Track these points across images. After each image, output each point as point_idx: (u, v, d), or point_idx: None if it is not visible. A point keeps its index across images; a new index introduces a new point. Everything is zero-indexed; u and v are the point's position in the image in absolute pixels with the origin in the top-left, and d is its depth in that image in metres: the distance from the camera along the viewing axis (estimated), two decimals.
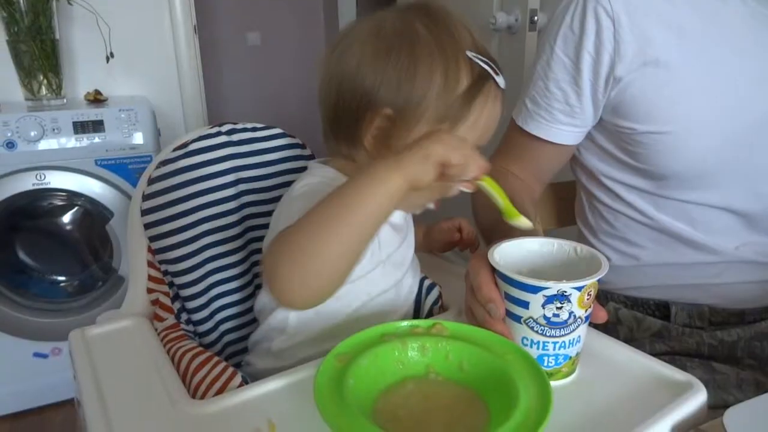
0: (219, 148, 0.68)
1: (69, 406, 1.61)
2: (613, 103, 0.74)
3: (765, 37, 0.71)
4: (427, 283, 0.69)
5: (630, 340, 0.77)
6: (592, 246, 0.84)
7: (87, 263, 1.65)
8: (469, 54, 0.55)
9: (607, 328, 0.80)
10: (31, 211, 1.52)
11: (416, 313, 0.67)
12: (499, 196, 0.54)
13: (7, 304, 1.50)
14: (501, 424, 0.39)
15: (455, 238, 0.80)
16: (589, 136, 0.81)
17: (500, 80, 0.57)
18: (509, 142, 0.85)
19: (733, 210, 0.75)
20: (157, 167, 0.66)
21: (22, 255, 1.58)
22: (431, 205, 0.62)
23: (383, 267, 0.60)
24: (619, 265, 0.82)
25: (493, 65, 0.56)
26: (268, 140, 0.72)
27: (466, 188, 0.54)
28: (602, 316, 0.51)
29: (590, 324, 0.52)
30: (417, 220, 0.70)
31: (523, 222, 0.54)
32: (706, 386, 0.49)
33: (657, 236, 0.79)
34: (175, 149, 0.67)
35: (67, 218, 1.60)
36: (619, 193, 0.80)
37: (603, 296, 0.85)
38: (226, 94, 3.30)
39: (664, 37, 0.70)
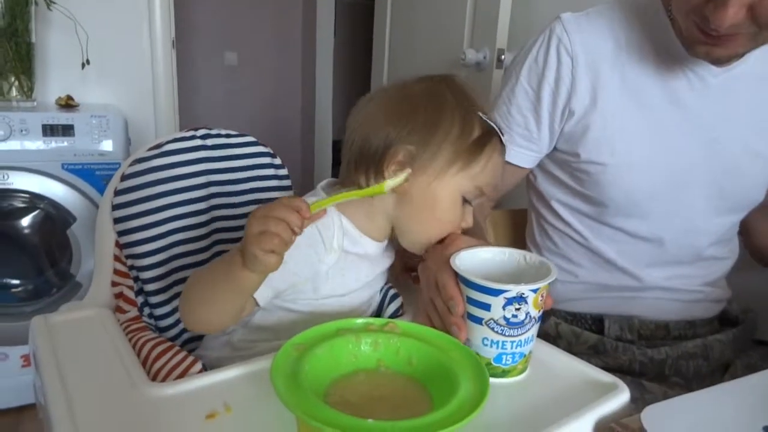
0: (193, 151, 0.71)
1: (7, 416, 1.55)
2: (566, 134, 0.81)
3: (697, 95, 0.78)
4: (391, 292, 0.72)
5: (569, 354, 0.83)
6: None
7: (43, 268, 1.62)
8: (481, 114, 0.63)
9: (549, 342, 0.85)
10: None
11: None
12: (337, 199, 0.57)
13: None
14: (441, 409, 0.42)
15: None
16: (542, 163, 0.88)
17: (504, 140, 0.65)
18: None
19: (659, 243, 0.83)
20: (131, 165, 0.68)
21: None
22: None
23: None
24: (559, 280, 0.88)
25: (498, 129, 0.65)
26: (240, 147, 0.76)
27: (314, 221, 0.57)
28: (549, 303, 0.57)
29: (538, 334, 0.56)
30: None
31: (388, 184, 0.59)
32: (636, 403, 0.54)
33: (592, 257, 0.86)
34: (150, 149, 0.70)
35: (27, 221, 1.57)
36: (563, 216, 0.87)
37: (546, 311, 0.90)
38: (198, 111, 3.30)
39: (610, 80, 0.78)
